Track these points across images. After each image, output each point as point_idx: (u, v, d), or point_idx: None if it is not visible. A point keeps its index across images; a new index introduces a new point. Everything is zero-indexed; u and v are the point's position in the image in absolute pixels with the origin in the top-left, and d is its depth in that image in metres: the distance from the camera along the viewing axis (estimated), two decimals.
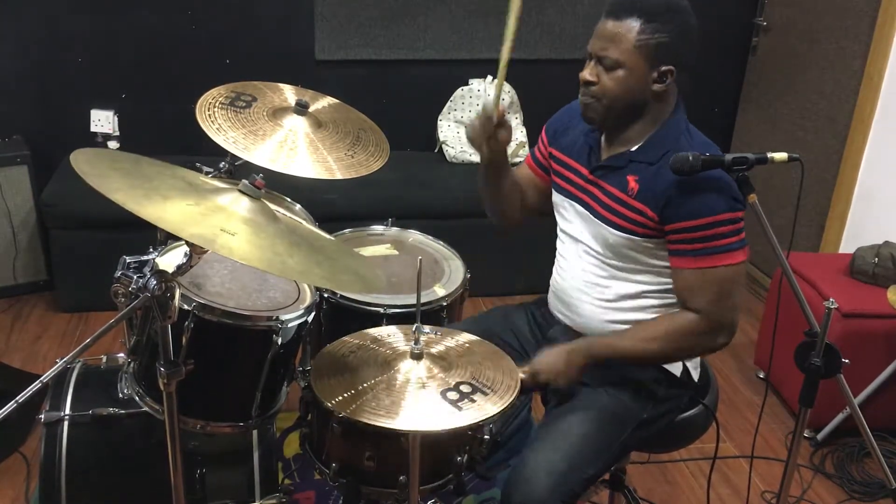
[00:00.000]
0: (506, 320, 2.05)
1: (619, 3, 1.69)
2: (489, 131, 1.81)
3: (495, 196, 1.97)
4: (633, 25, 1.66)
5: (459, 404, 1.48)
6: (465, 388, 1.52)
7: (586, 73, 1.73)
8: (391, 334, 1.73)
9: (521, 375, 1.71)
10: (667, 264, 1.75)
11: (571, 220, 1.90)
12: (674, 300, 1.78)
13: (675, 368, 1.85)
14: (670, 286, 1.77)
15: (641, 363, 1.83)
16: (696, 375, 1.90)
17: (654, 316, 1.80)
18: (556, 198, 1.94)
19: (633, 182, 1.73)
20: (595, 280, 1.84)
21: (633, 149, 1.76)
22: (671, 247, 1.72)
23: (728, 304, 1.70)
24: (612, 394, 1.81)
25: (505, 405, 1.50)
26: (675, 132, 1.74)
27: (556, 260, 1.98)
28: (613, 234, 1.76)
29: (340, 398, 1.51)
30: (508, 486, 1.70)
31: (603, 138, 1.84)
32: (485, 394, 1.51)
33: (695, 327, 1.72)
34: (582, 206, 1.85)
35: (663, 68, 1.69)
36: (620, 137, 1.78)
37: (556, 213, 1.96)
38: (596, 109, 1.74)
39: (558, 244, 1.97)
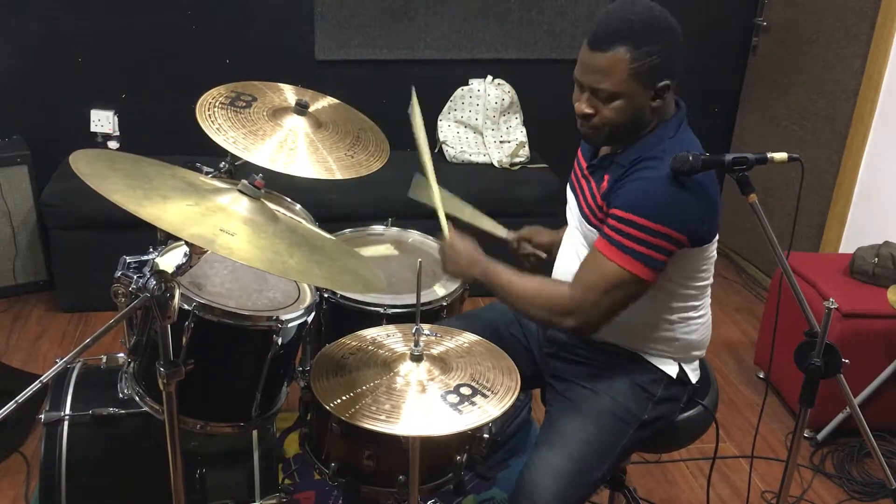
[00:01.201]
0: (512, 313, 2.05)
1: (602, 33, 1.62)
2: (526, 249, 2.05)
3: None
4: (624, 54, 1.60)
5: (459, 407, 1.48)
6: (465, 391, 1.52)
7: (583, 106, 1.69)
8: (390, 335, 1.73)
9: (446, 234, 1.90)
10: None
11: (570, 213, 1.92)
12: (658, 297, 1.77)
13: (672, 369, 1.85)
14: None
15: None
16: (693, 377, 1.90)
17: (645, 313, 1.79)
18: (568, 189, 1.96)
19: (605, 182, 1.74)
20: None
21: (619, 152, 1.76)
22: (603, 228, 1.71)
23: (597, 299, 1.67)
24: (612, 396, 1.81)
25: (505, 407, 1.49)
26: (658, 139, 1.71)
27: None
28: (588, 229, 1.79)
29: (340, 401, 1.51)
30: (515, 492, 1.69)
31: None
32: (485, 396, 1.51)
33: (557, 299, 1.72)
34: (575, 199, 1.87)
35: (660, 85, 1.66)
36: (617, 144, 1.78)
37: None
38: (599, 136, 1.73)
39: (564, 237, 1.98)
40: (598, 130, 1.71)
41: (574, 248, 1.88)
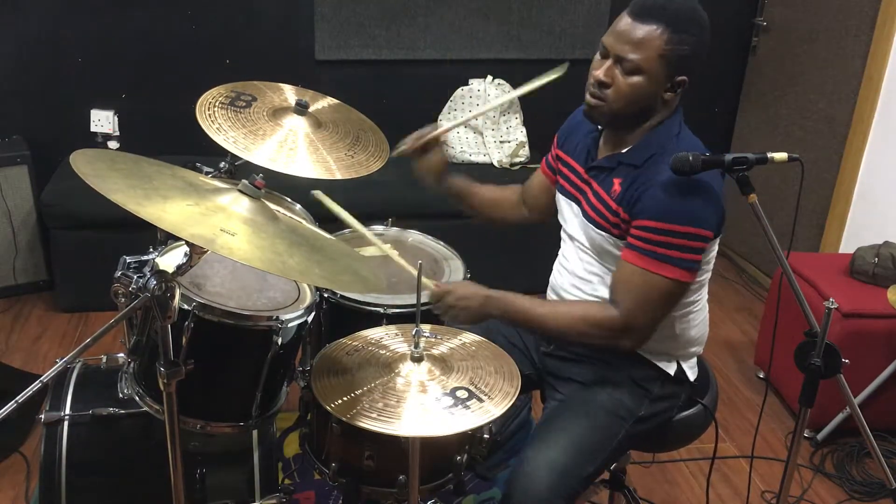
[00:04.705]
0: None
1: (647, 5, 1.64)
2: (418, 149, 1.97)
3: (472, 212, 2.12)
4: (661, 32, 1.61)
5: (453, 411, 1.48)
6: (461, 394, 1.52)
7: (601, 73, 1.68)
8: (391, 335, 1.72)
9: (431, 287, 1.78)
10: None
11: (567, 218, 1.91)
12: None
13: (670, 367, 1.85)
14: None
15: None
16: (692, 375, 1.90)
17: None
18: (557, 196, 1.96)
19: (616, 185, 1.73)
20: (588, 276, 1.85)
21: (624, 150, 1.76)
22: (628, 239, 1.70)
23: (649, 313, 1.69)
24: (609, 392, 1.82)
25: (497, 414, 1.49)
26: (665, 136, 1.72)
27: (557, 257, 2.00)
28: (597, 234, 1.78)
29: (340, 402, 1.51)
30: (509, 484, 1.71)
31: (602, 139, 1.84)
32: (480, 400, 1.51)
33: (609, 322, 1.70)
34: (576, 203, 1.86)
35: (678, 78, 1.67)
36: (617, 139, 1.78)
37: (558, 212, 1.98)
38: (602, 111, 1.71)
39: (561, 242, 1.98)
40: (606, 104, 1.69)
41: (576, 254, 1.88)
